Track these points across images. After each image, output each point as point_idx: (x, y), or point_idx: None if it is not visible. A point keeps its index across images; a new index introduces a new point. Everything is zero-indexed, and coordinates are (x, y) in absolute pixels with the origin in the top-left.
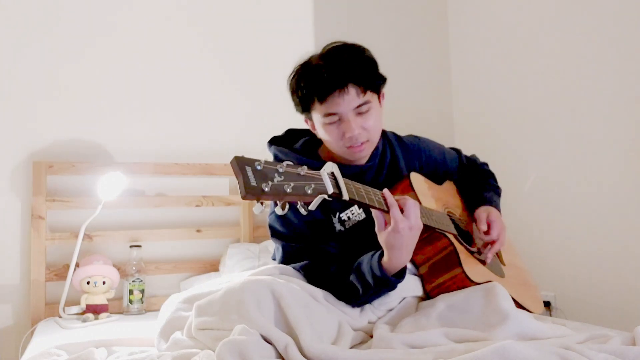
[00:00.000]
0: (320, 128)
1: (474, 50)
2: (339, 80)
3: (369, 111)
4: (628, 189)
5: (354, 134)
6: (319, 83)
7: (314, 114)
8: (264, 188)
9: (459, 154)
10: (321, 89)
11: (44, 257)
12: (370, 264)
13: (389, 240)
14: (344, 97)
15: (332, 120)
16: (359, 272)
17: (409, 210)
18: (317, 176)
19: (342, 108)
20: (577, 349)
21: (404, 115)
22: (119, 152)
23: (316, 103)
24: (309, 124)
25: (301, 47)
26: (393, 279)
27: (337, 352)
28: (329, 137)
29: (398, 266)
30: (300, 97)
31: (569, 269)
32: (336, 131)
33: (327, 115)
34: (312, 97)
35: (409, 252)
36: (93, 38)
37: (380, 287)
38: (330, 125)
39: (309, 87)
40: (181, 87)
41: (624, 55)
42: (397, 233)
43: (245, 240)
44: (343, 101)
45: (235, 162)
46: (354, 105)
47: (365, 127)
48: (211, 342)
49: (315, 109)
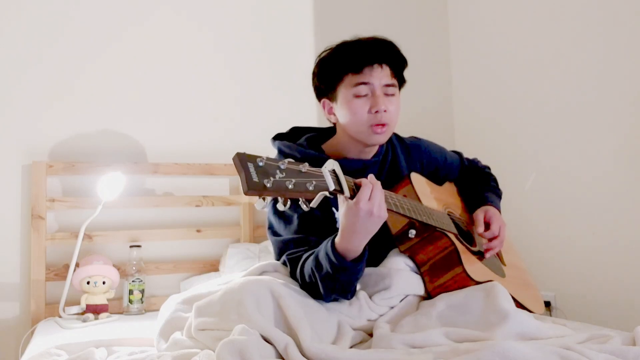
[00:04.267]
0: (344, 105)
1: (474, 50)
2: (377, 55)
3: (394, 95)
4: (628, 189)
5: (381, 109)
6: (357, 54)
7: (341, 89)
8: (266, 184)
9: (460, 156)
10: (359, 60)
11: (44, 257)
12: (325, 248)
13: (345, 217)
14: (379, 70)
15: (363, 92)
16: (317, 261)
17: (374, 196)
18: (318, 173)
19: (375, 80)
20: (578, 349)
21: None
22: (119, 152)
23: (348, 76)
24: (325, 108)
25: (301, 48)
26: (339, 257)
27: (337, 352)
28: (354, 112)
29: (350, 248)
30: (331, 71)
31: (569, 269)
32: (364, 105)
33: (358, 85)
34: (346, 68)
35: (361, 238)
36: (94, 40)
37: (334, 268)
38: (359, 98)
39: (345, 59)
40: (181, 87)
41: (624, 54)
42: (356, 212)
43: (245, 240)
44: (378, 74)
45: (238, 159)
46: (385, 81)
47: (389, 109)
48: (211, 343)
49: (344, 82)
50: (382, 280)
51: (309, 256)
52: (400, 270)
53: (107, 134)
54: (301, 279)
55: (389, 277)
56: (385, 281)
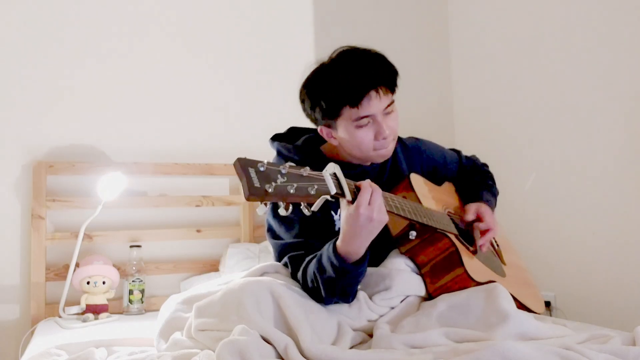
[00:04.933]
0: (347, 134)
1: (474, 50)
2: (371, 83)
3: (393, 111)
4: (628, 189)
5: (386, 134)
6: (351, 87)
7: (341, 121)
8: (267, 189)
9: (459, 155)
10: (354, 93)
11: (44, 257)
12: (327, 250)
13: (346, 221)
14: (377, 98)
15: (364, 123)
16: (319, 263)
17: (374, 200)
18: (319, 177)
19: (375, 109)
20: (578, 349)
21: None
22: (119, 152)
23: (346, 109)
24: (325, 133)
25: (301, 48)
26: (341, 260)
27: (337, 352)
28: (360, 142)
29: (351, 251)
30: (327, 105)
31: (569, 269)
32: (368, 134)
33: (359, 119)
34: (342, 102)
35: (362, 241)
36: (94, 40)
37: (335, 271)
38: (362, 128)
39: (338, 93)
40: (181, 87)
41: (625, 54)
42: (357, 217)
43: (245, 240)
44: (377, 102)
45: (239, 164)
46: (384, 105)
47: (391, 127)
48: (211, 343)
49: (343, 114)
50: (383, 281)
51: (311, 259)
52: (401, 271)
53: (107, 134)
54: (303, 281)
55: (390, 277)
56: (385, 282)
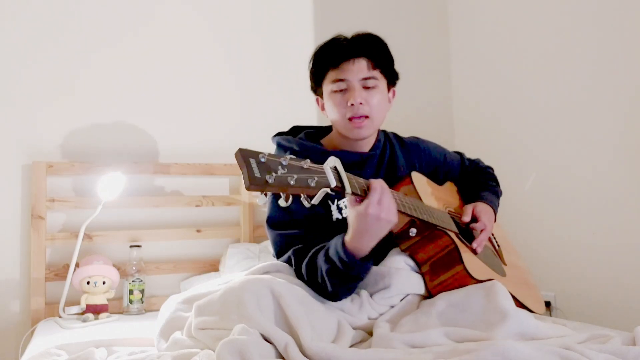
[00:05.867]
0: (327, 100)
1: (474, 49)
2: (354, 49)
3: (375, 88)
4: (628, 189)
5: (356, 102)
6: (335, 51)
7: (325, 85)
8: (267, 179)
9: (461, 156)
10: (336, 56)
11: (44, 257)
12: (335, 245)
13: (355, 219)
14: (354, 64)
15: (340, 87)
16: (327, 257)
17: (383, 200)
18: (319, 169)
19: (350, 75)
20: (578, 349)
21: (404, 115)
22: (119, 152)
23: (329, 72)
24: (319, 104)
25: (301, 47)
26: (349, 255)
27: (337, 351)
28: (333, 107)
29: (359, 247)
30: (316, 67)
31: (569, 269)
32: (341, 99)
33: (335, 82)
34: (326, 64)
35: (370, 239)
36: (94, 40)
37: (344, 265)
38: (337, 93)
39: (325, 56)
40: (181, 87)
41: (625, 53)
42: (365, 216)
43: (245, 240)
44: (353, 68)
45: (240, 154)
46: (361, 75)
47: (368, 102)
48: (211, 342)
49: (327, 78)
50: (382, 280)
51: (317, 252)
52: (400, 270)
53: (107, 134)
54: (307, 274)
55: (389, 276)
56: (385, 280)
